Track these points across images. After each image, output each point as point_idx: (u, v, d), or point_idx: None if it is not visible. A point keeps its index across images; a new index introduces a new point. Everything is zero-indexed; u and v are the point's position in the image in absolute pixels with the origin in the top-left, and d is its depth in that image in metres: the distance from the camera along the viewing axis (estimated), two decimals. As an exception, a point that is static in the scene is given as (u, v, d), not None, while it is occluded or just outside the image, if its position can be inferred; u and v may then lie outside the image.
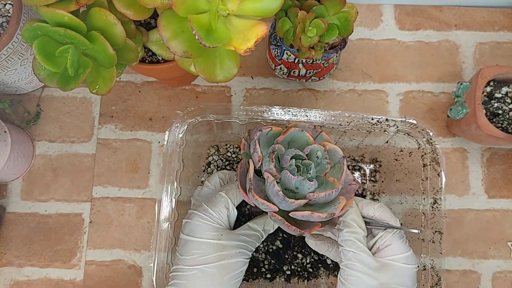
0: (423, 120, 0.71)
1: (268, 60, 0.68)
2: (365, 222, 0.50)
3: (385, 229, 0.50)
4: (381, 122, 0.56)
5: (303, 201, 0.45)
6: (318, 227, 0.46)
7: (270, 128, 0.48)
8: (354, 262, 0.47)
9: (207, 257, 0.48)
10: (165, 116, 0.70)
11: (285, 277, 0.63)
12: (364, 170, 0.68)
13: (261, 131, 0.48)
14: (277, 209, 0.45)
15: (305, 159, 0.47)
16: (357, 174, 0.68)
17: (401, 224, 0.53)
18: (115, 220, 0.67)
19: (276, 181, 0.45)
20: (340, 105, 0.71)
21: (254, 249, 0.51)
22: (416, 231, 0.51)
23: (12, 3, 0.56)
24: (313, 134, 0.49)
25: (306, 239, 0.54)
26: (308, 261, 0.63)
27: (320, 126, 0.56)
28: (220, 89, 0.72)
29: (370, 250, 0.49)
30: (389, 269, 0.48)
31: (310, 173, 0.46)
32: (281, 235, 0.63)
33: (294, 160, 0.47)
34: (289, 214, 0.45)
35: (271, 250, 0.63)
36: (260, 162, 0.46)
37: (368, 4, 0.74)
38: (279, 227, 0.49)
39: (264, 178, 0.46)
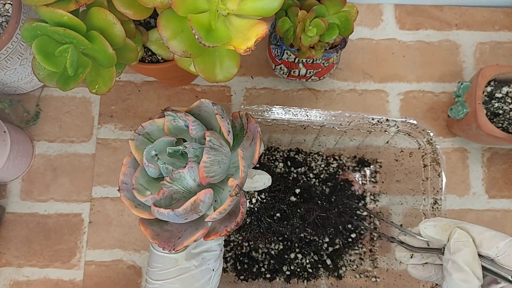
0: (423, 120, 0.70)
1: (268, 60, 0.68)
2: (483, 266, 0.38)
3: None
4: (381, 122, 0.56)
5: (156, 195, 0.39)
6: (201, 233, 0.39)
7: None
8: None
9: (168, 271, 0.45)
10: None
11: (285, 277, 0.63)
12: (365, 171, 0.68)
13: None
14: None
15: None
16: (357, 174, 0.68)
17: None
18: (115, 220, 0.67)
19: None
20: (340, 105, 0.71)
21: (221, 251, 0.47)
22: None
23: (11, 2, 0.56)
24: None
25: (408, 270, 0.46)
26: (307, 261, 0.63)
27: (321, 126, 0.56)
28: (220, 88, 0.71)
29: None
30: None
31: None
32: (281, 236, 0.63)
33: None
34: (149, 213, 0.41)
35: (271, 250, 0.63)
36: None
37: (368, 4, 0.74)
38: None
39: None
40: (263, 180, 0.46)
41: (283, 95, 0.71)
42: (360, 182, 0.67)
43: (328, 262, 0.63)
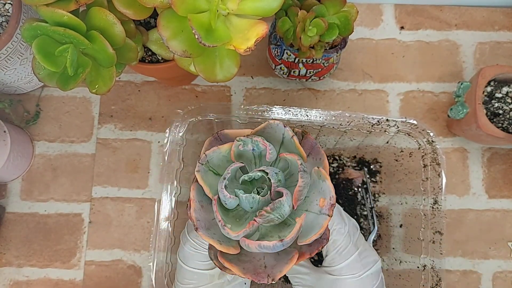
0: (423, 120, 0.70)
1: (268, 60, 0.68)
2: None
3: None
4: (381, 122, 0.56)
5: (250, 225, 0.37)
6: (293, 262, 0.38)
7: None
8: None
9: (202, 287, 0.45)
10: (165, 116, 0.70)
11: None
12: (365, 171, 0.68)
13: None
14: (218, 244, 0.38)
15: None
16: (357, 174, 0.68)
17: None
18: (115, 220, 0.67)
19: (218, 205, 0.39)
20: (340, 105, 0.71)
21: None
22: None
23: (11, 2, 0.56)
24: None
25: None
26: (308, 261, 0.63)
27: (321, 126, 0.56)
28: (220, 88, 0.71)
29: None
30: None
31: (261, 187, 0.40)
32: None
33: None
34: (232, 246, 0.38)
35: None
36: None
37: (368, 4, 0.74)
38: None
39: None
40: None
41: (283, 95, 0.71)
42: (359, 174, 0.67)
43: (328, 262, 0.63)
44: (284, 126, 0.41)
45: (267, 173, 0.39)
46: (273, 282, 0.37)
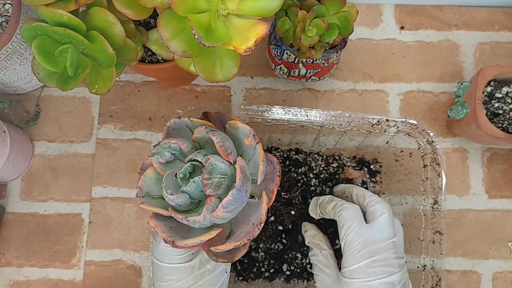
0: (423, 120, 0.70)
1: (268, 60, 0.68)
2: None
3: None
4: (381, 123, 0.56)
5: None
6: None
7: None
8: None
9: (183, 282, 0.44)
10: (165, 116, 0.70)
11: (285, 277, 0.63)
12: (365, 171, 0.68)
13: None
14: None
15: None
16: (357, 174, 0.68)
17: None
18: (115, 220, 0.67)
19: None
20: (340, 105, 0.71)
21: None
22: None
23: (11, 2, 0.56)
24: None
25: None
26: (308, 261, 0.63)
27: (321, 126, 0.56)
28: (220, 89, 0.71)
29: None
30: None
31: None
32: (281, 237, 0.63)
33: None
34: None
35: (271, 250, 0.63)
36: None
37: (368, 4, 0.74)
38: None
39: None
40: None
41: (283, 95, 0.71)
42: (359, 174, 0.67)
43: (328, 262, 0.63)
44: (179, 118, 0.44)
45: (195, 159, 0.41)
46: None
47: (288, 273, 0.63)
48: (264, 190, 0.42)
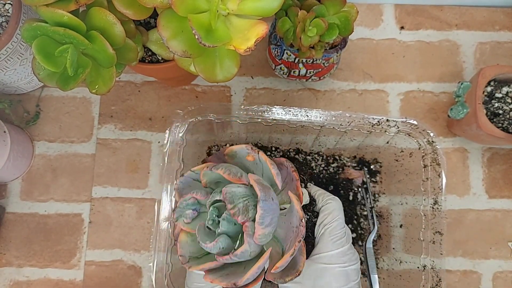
0: (423, 120, 0.70)
1: (268, 60, 0.68)
2: None
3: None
4: (381, 123, 0.55)
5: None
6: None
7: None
8: None
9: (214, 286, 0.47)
10: (165, 116, 0.70)
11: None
12: (365, 171, 0.68)
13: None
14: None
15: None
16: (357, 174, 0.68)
17: None
18: (115, 221, 0.67)
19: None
20: (340, 105, 0.71)
21: None
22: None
23: (11, 2, 0.56)
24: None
25: None
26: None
27: (321, 126, 0.56)
28: (220, 89, 0.71)
29: None
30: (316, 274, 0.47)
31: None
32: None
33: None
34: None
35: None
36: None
37: (368, 4, 0.74)
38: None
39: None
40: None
41: (283, 95, 0.71)
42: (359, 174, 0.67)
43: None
44: (182, 175, 0.46)
45: (215, 201, 0.43)
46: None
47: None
48: (290, 191, 0.43)
